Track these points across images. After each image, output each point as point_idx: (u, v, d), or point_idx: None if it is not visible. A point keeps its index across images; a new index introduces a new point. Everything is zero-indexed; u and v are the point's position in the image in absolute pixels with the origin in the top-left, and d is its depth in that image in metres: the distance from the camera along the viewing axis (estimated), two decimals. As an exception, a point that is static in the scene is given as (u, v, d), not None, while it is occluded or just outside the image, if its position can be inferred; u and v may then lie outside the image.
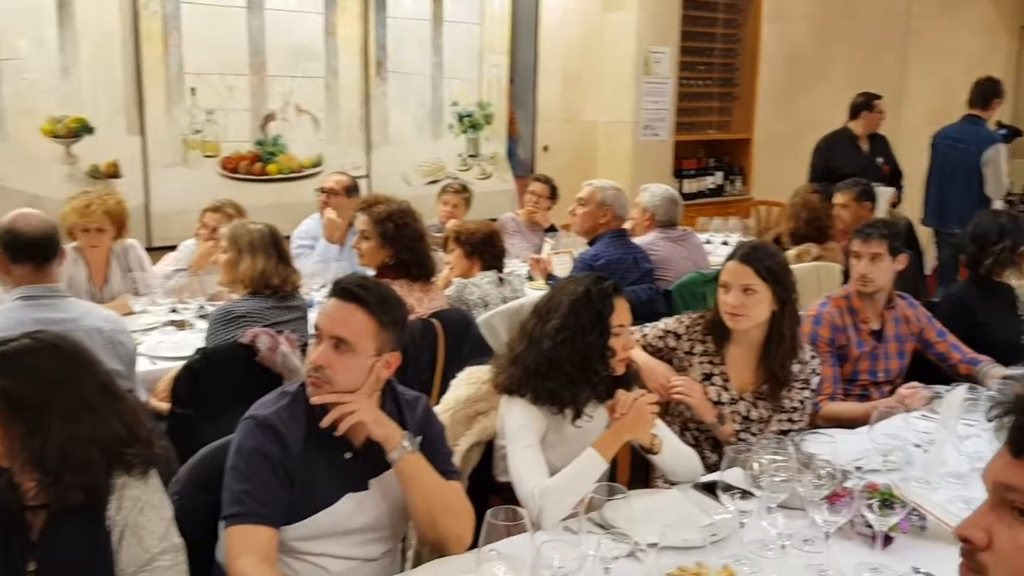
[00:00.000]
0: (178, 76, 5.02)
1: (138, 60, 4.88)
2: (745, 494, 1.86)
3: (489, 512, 1.61)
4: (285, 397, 1.91)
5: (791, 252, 4.39)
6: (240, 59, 5.23)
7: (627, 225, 4.26)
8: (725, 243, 5.40)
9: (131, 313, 3.50)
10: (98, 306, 2.91)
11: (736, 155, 8.07)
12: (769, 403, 2.52)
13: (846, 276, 3.35)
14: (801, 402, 2.54)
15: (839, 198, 4.71)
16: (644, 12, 6.79)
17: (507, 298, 3.70)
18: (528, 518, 1.65)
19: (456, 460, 2.14)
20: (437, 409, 2.22)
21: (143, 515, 1.64)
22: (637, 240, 4.24)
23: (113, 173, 4.89)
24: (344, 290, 1.91)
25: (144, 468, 1.67)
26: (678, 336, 2.64)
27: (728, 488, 1.87)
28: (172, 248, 4.37)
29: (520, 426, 2.16)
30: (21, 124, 4.61)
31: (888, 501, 1.81)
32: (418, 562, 2.03)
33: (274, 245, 3.12)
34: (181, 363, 2.88)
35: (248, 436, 1.85)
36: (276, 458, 1.82)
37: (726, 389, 2.55)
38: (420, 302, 3.23)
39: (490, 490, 2.34)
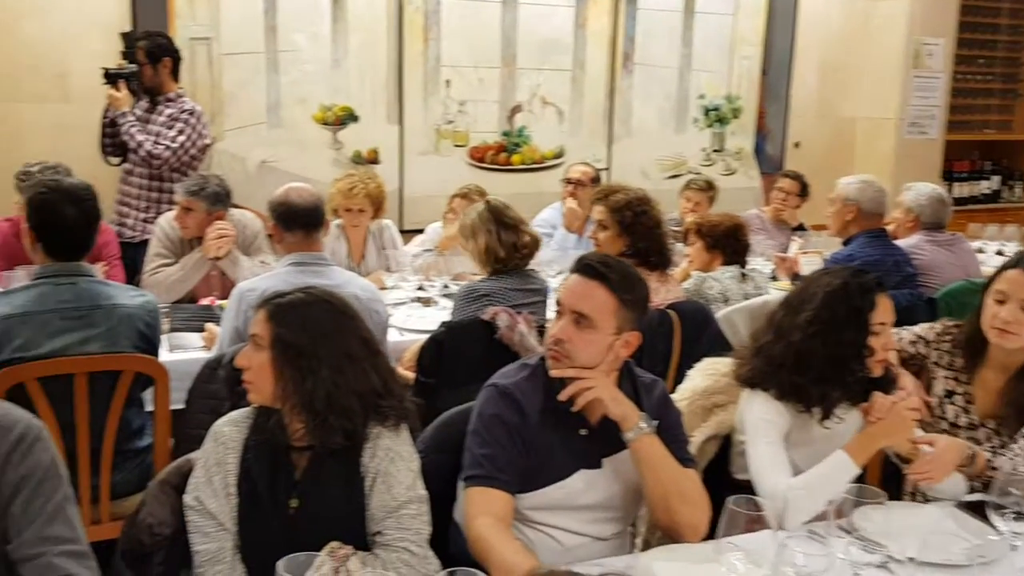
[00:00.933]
0: (435, 69, 5.28)
1: (400, 53, 5.17)
2: (1020, 516, 1.66)
3: (731, 499, 1.55)
4: (525, 369, 1.94)
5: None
6: (492, 52, 5.41)
7: (889, 226, 3.96)
8: (1000, 252, 4.88)
9: (384, 288, 3.71)
10: (357, 276, 3.11)
11: (1017, 158, 7.27)
12: (1014, 436, 2.20)
13: None
14: None
15: None
16: (917, 1, 6.29)
17: (749, 295, 3.55)
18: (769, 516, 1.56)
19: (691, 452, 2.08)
20: (673, 397, 2.16)
21: (393, 464, 1.72)
22: (900, 242, 3.93)
23: (373, 159, 5.22)
24: (587, 266, 1.90)
25: (396, 421, 1.76)
26: (927, 343, 2.38)
27: (999, 508, 1.68)
28: (421, 231, 4.59)
29: (762, 421, 2.05)
30: (295, 111, 5.03)
31: None
32: (646, 547, 1.99)
33: (492, 220, 3.11)
34: (426, 336, 3.00)
35: (489, 403, 1.89)
36: (514, 426, 1.85)
37: (966, 412, 2.26)
38: (656, 292, 3.16)
39: (725, 487, 2.24)
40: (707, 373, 2.33)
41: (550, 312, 3.26)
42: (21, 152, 4.08)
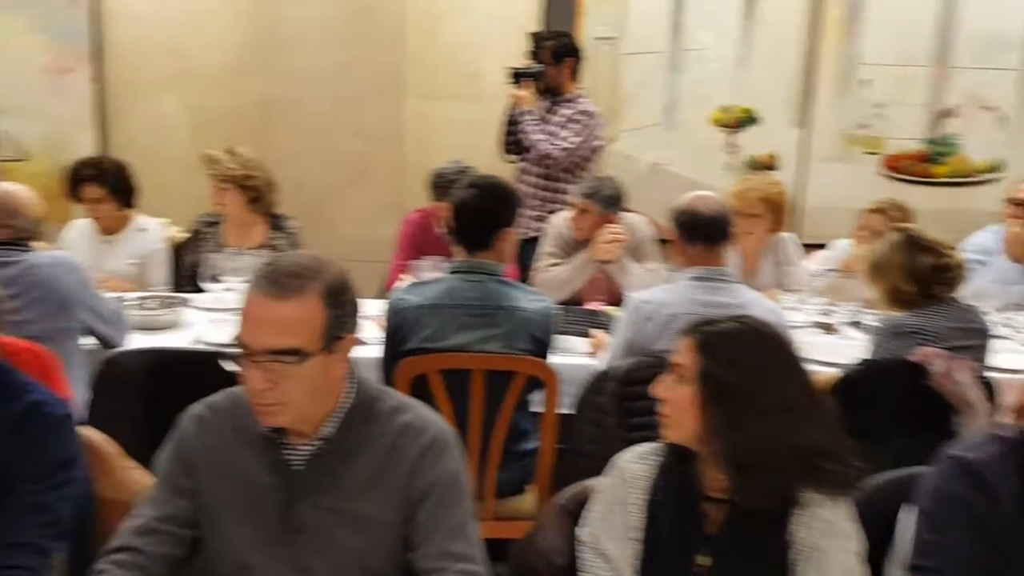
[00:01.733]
0: (851, 67, 4.83)
1: (812, 51, 4.79)
2: None
3: None
4: (997, 442, 1.59)
5: None
6: (922, 48, 4.82)
7: None
8: None
9: (780, 308, 3.38)
10: (763, 296, 2.83)
11: None
12: None
13: None
14: None
15: None
16: None
17: None
18: None
19: None
20: None
21: (831, 541, 1.46)
22: None
23: (769, 165, 4.90)
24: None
25: (838, 489, 1.48)
26: None
27: None
28: (820, 246, 4.17)
29: None
30: (691, 113, 4.88)
31: None
32: None
33: (906, 247, 2.68)
34: (825, 368, 2.66)
35: (948, 479, 1.56)
36: (979, 512, 1.52)
37: None
38: None
39: None
40: None
41: (995, 358, 2.75)
42: (435, 148, 4.34)
